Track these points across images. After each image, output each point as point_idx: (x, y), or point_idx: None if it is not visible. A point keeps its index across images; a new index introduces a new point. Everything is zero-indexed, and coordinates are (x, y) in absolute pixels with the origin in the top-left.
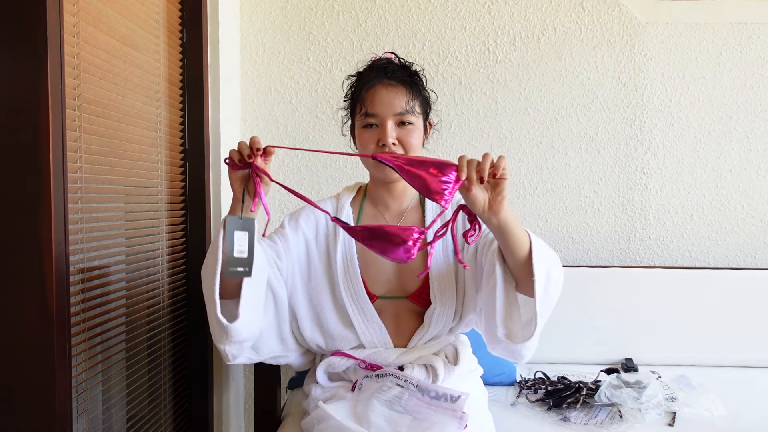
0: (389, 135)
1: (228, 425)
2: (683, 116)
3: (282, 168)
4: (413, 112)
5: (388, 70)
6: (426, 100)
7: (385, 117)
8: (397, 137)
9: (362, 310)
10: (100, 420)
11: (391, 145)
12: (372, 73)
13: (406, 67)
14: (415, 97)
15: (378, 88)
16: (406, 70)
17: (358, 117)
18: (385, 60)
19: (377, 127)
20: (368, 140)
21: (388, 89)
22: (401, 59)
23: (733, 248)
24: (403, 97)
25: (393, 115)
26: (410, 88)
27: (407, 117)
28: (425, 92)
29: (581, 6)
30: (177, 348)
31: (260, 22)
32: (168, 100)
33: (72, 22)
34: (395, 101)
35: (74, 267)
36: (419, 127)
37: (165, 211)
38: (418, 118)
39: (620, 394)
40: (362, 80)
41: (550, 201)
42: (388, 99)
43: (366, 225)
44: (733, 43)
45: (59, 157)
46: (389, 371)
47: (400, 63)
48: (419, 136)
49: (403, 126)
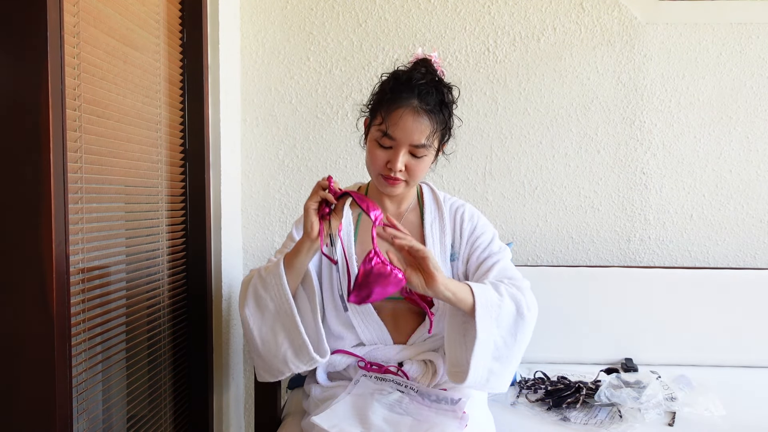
0: (399, 163)
1: (228, 425)
2: (683, 116)
3: (282, 168)
4: (430, 146)
5: (422, 92)
6: (447, 132)
7: (401, 144)
8: (405, 164)
9: (360, 309)
10: (100, 420)
11: (398, 172)
12: (406, 87)
13: (441, 89)
14: (437, 130)
15: (405, 113)
16: (440, 95)
17: (377, 127)
18: (422, 72)
19: (391, 148)
20: (378, 158)
21: (414, 118)
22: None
23: (733, 248)
24: (426, 130)
25: (410, 144)
26: (436, 120)
27: (421, 150)
28: (450, 122)
29: (581, 6)
30: (177, 348)
31: (260, 22)
32: (168, 101)
33: (72, 22)
34: (416, 133)
35: (74, 267)
36: (431, 156)
37: (165, 211)
38: (433, 149)
39: (620, 393)
40: (394, 92)
41: (550, 201)
42: (411, 128)
43: (358, 280)
44: (733, 43)
45: (59, 157)
46: (389, 377)
47: (436, 81)
48: (427, 167)
49: (415, 156)
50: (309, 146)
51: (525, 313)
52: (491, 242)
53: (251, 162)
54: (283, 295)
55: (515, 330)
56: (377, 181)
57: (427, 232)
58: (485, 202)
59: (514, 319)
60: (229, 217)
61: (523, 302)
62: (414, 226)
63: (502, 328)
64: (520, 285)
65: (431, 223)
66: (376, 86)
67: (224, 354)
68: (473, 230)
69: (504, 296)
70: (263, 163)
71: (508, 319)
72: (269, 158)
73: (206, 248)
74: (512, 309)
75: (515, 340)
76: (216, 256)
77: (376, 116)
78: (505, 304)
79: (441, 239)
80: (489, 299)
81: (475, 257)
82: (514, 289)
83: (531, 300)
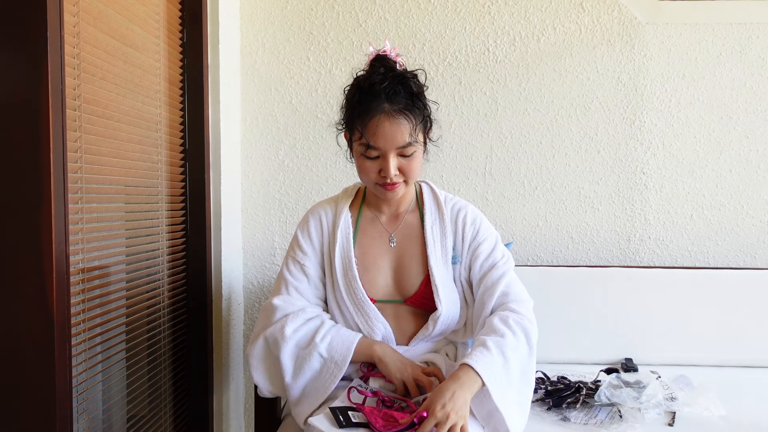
0: (391, 169)
1: (228, 425)
2: (683, 116)
3: (282, 168)
4: (415, 142)
5: (389, 94)
6: (427, 120)
7: (387, 151)
8: (398, 167)
9: (364, 311)
10: (100, 420)
11: (393, 176)
12: (373, 98)
13: (407, 83)
14: (417, 124)
15: (380, 120)
16: (407, 90)
17: (358, 142)
18: (381, 73)
19: (378, 158)
20: (370, 169)
21: (391, 122)
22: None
23: (733, 248)
24: (405, 130)
25: (395, 148)
26: (412, 116)
27: (409, 149)
28: (427, 110)
29: (581, 6)
30: (177, 348)
31: (260, 22)
32: (168, 101)
33: (72, 22)
34: (398, 136)
35: (74, 267)
36: (420, 150)
37: (165, 211)
38: (420, 143)
39: (620, 393)
40: (363, 104)
41: (550, 201)
42: (391, 133)
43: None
44: (732, 43)
45: (59, 157)
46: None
47: (398, 77)
48: (420, 162)
49: (404, 157)
50: (309, 146)
51: (533, 344)
52: (494, 249)
53: (251, 162)
54: (331, 380)
55: (528, 368)
56: (375, 191)
57: (427, 234)
58: (485, 202)
59: (527, 357)
60: (229, 217)
61: (532, 334)
62: (414, 228)
63: (514, 379)
64: (525, 313)
65: (431, 225)
66: (343, 101)
67: (224, 354)
68: (475, 236)
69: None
70: (263, 163)
71: (521, 364)
72: (269, 158)
73: (206, 248)
74: (524, 349)
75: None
76: (216, 256)
77: (354, 131)
78: (516, 351)
79: (442, 241)
80: (497, 374)
81: (478, 265)
82: (526, 322)
83: (535, 327)
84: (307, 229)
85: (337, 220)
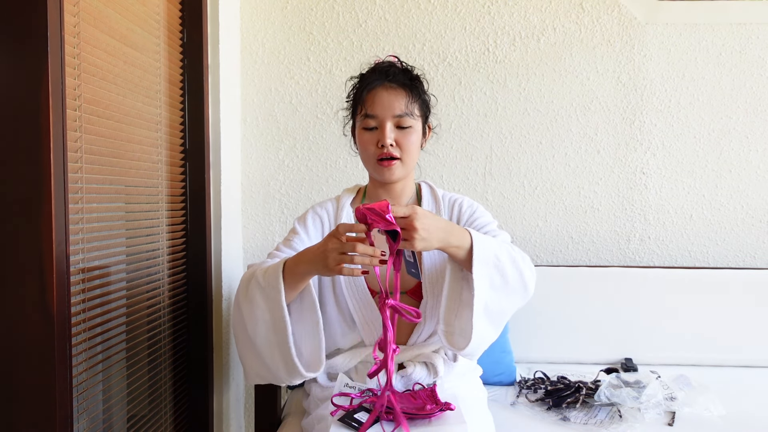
0: (387, 136)
1: (228, 425)
2: (683, 116)
3: (282, 168)
4: (412, 114)
5: (389, 73)
6: (425, 104)
7: (384, 118)
8: (395, 139)
9: (364, 305)
10: (100, 420)
11: (389, 146)
12: (373, 75)
13: (408, 71)
14: (414, 100)
15: (378, 90)
16: (407, 74)
17: (359, 118)
18: (387, 63)
19: (377, 129)
20: (368, 141)
21: (389, 91)
22: (403, 63)
23: (733, 248)
24: (402, 100)
25: (392, 116)
26: (410, 91)
27: (406, 120)
28: (425, 96)
29: (581, 6)
30: (177, 348)
31: (260, 22)
32: (168, 101)
33: (72, 22)
34: (395, 103)
35: (75, 267)
36: (418, 130)
37: (165, 211)
38: (417, 121)
39: (620, 393)
40: (364, 82)
41: (550, 201)
42: (388, 101)
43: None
44: (732, 43)
45: (60, 158)
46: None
47: (402, 67)
48: (417, 139)
49: (402, 129)
50: (309, 146)
51: (524, 273)
52: (490, 223)
53: (251, 162)
54: (279, 310)
55: (510, 285)
56: (375, 170)
57: None
58: (485, 202)
59: (515, 275)
60: (229, 217)
61: (525, 268)
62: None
63: (495, 272)
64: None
65: None
66: (349, 91)
67: (224, 354)
68: (471, 215)
69: (513, 252)
70: (263, 163)
71: (509, 271)
72: (269, 158)
73: (206, 248)
74: (513, 270)
75: (505, 293)
76: (216, 256)
77: (356, 109)
78: (508, 261)
79: None
80: (486, 242)
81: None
82: (524, 256)
83: (529, 263)
84: (305, 221)
85: (339, 213)
